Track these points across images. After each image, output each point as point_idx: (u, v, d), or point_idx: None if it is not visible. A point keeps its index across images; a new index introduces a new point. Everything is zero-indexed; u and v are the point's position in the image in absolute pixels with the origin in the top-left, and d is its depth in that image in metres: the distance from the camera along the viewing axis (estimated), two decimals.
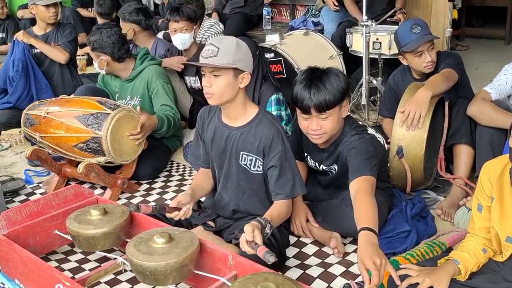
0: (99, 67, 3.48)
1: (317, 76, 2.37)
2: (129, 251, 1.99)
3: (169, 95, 3.46)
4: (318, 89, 2.31)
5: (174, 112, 3.41)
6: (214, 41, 2.22)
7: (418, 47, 2.99)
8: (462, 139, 2.87)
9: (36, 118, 3.17)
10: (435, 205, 2.84)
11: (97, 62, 3.46)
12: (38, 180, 3.50)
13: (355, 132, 2.47)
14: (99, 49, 3.41)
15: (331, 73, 2.38)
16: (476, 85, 3.42)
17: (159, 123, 3.23)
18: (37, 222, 2.42)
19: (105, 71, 3.51)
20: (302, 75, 2.43)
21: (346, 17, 4.78)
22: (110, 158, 3.01)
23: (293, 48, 3.97)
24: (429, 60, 3.01)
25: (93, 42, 3.40)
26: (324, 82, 2.33)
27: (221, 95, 2.23)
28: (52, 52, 4.14)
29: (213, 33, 4.61)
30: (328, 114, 2.35)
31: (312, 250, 2.54)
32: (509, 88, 2.74)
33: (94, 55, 3.47)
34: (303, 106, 2.35)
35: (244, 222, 2.35)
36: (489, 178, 1.96)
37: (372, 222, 1.98)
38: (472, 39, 6.28)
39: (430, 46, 3.02)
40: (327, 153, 2.57)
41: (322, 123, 2.37)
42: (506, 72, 2.76)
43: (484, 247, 1.99)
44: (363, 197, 2.15)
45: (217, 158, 2.43)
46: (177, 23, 3.74)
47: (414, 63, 3.08)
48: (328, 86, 2.32)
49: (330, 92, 2.31)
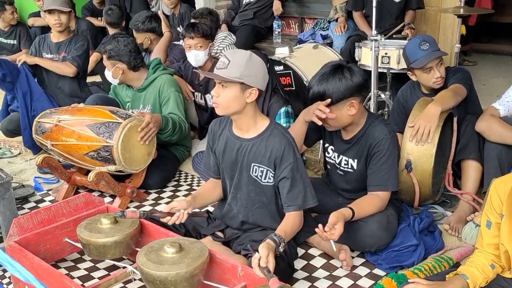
0: (113, 76, 3.50)
1: (330, 70, 2.51)
2: (139, 260, 2.01)
3: (178, 104, 3.48)
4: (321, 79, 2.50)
5: (182, 121, 3.43)
6: (228, 54, 2.25)
7: (427, 64, 3.01)
8: (470, 155, 2.88)
9: (48, 126, 3.20)
10: (443, 220, 2.85)
11: (112, 71, 3.48)
12: (48, 187, 3.53)
13: (384, 123, 2.60)
14: (116, 57, 3.44)
15: (342, 69, 2.49)
16: (484, 101, 3.43)
17: (164, 121, 3.23)
18: (48, 229, 2.45)
19: (118, 80, 3.54)
20: (321, 69, 2.58)
21: (355, 31, 4.81)
22: (121, 166, 3.03)
23: (302, 61, 4.00)
24: (438, 76, 3.03)
25: (110, 50, 3.44)
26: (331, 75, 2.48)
27: (227, 107, 2.27)
28: (59, 68, 4.18)
29: (227, 45, 4.64)
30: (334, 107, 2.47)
31: (320, 262, 2.55)
32: None
33: (109, 64, 3.49)
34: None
35: (253, 234, 2.38)
36: (499, 195, 1.96)
37: (358, 210, 2.41)
38: (479, 55, 6.30)
39: (439, 62, 3.04)
40: (350, 144, 2.62)
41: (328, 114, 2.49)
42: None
43: (493, 262, 2.00)
44: (373, 200, 2.50)
45: (228, 169, 2.46)
46: (192, 40, 3.70)
47: (423, 79, 3.10)
48: (331, 80, 2.47)
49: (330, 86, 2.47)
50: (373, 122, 2.57)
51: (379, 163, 2.52)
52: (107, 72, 3.54)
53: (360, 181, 2.63)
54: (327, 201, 2.74)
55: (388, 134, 2.52)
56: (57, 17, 4.16)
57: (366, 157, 2.56)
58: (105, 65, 3.55)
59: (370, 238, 2.46)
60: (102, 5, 6.79)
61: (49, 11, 4.16)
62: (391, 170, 2.54)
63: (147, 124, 3.09)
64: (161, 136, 3.30)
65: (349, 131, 2.59)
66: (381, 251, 2.50)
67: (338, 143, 2.66)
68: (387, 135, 2.51)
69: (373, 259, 2.52)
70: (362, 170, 2.61)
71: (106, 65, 3.53)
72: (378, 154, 2.52)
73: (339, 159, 2.67)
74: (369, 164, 2.56)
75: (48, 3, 4.20)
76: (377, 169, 2.53)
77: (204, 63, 3.78)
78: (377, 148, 2.52)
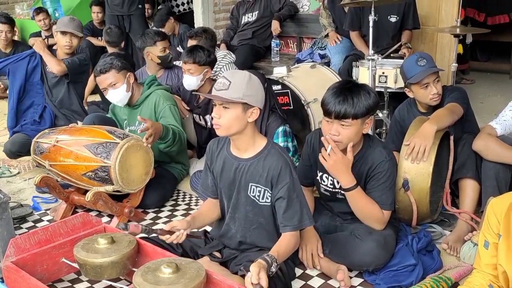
0: (126, 90, 3.47)
1: (348, 87, 2.47)
2: (136, 280, 2.00)
3: (175, 116, 3.49)
4: (345, 98, 2.40)
5: (180, 131, 3.42)
6: (227, 75, 2.27)
7: (424, 79, 3.03)
8: (468, 174, 2.88)
9: (46, 146, 3.21)
10: (441, 240, 2.84)
11: (125, 84, 3.45)
12: (46, 207, 3.52)
13: (382, 146, 2.59)
14: (126, 69, 3.47)
15: (362, 88, 2.48)
16: (481, 119, 3.45)
17: (164, 130, 3.21)
18: (45, 249, 2.44)
19: (128, 97, 3.52)
20: (336, 83, 2.54)
21: (353, 50, 4.85)
22: (118, 186, 3.03)
23: (300, 80, 4.02)
24: (435, 92, 3.05)
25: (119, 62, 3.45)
26: (352, 93, 2.41)
27: (229, 127, 2.27)
28: (50, 62, 4.27)
29: (226, 63, 4.67)
30: (348, 124, 2.41)
31: (318, 283, 2.54)
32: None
33: (120, 77, 3.44)
34: (327, 109, 2.44)
35: (251, 254, 2.37)
36: (496, 215, 1.96)
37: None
38: (477, 73, 6.34)
39: (435, 79, 3.06)
40: None
41: (341, 131, 2.43)
42: (511, 108, 2.79)
43: (491, 283, 1.99)
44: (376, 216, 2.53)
45: (226, 189, 2.46)
46: (185, 65, 3.76)
47: (420, 96, 3.12)
48: (355, 98, 2.40)
49: (355, 104, 2.39)
50: (371, 145, 2.56)
51: (378, 184, 2.53)
52: (118, 90, 3.47)
53: None
54: (324, 221, 2.74)
55: (387, 156, 2.53)
56: (69, 40, 4.23)
57: (365, 180, 2.56)
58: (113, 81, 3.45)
59: (367, 257, 2.45)
60: (102, 25, 6.84)
61: (62, 32, 4.21)
62: (389, 191, 2.55)
63: (147, 129, 3.06)
64: (162, 145, 3.29)
65: None
66: (379, 270, 2.49)
67: None
68: (386, 158, 2.52)
69: (371, 279, 2.51)
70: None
71: (116, 80, 3.44)
72: (377, 175, 2.53)
73: (339, 184, 2.65)
74: (367, 185, 2.56)
75: (63, 24, 4.25)
76: (375, 190, 2.54)
77: (198, 87, 3.82)
78: (377, 170, 2.52)
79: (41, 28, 7.14)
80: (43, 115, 4.37)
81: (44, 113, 4.39)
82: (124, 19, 6.19)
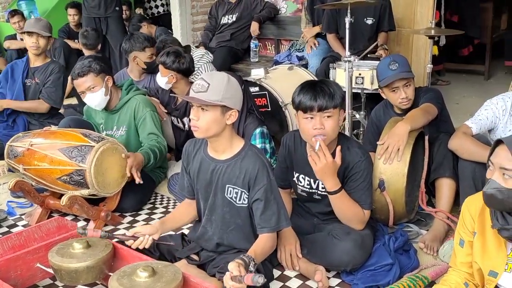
0: (104, 94, 3.41)
1: (316, 82, 2.53)
2: (111, 285, 1.98)
3: (155, 123, 3.47)
4: (322, 90, 2.42)
5: (161, 141, 3.42)
6: (205, 76, 2.26)
7: (393, 83, 3.07)
8: (445, 173, 2.91)
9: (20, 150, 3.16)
10: (418, 239, 2.86)
11: (103, 88, 3.39)
12: (21, 211, 3.46)
13: (358, 146, 2.62)
14: (104, 72, 3.42)
15: (328, 81, 2.55)
16: (457, 120, 3.49)
17: (146, 159, 3.24)
18: (19, 255, 2.39)
19: (106, 101, 3.46)
20: (303, 84, 2.54)
21: (330, 52, 4.87)
22: (94, 190, 3.00)
23: (278, 82, 4.02)
24: (403, 97, 3.08)
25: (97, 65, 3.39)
26: (325, 86, 2.45)
27: (207, 130, 2.26)
28: (31, 108, 4.33)
29: (204, 63, 4.65)
30: (331, 113, 2.42)
31: (296, 284, 2.54)
32: (489, 122, 2.80)
33: (98, 80, 3.38)
34: (308, 106, 2.42)
35: (228, 256, 2.36)
36: (471, 213, 1.99)
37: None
38: (452, 74, 6.41)
39: (406, 83, 3.08)
40: None
41: (325, 123, 2.43)
42: (487, 107, 2.82)
43: (466, 281, 2.01)
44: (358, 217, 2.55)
45: (203, 191, 2.45)
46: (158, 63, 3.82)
47: (390, 98, 3.17)
48: (330, 88, 2.43)
49: (332, 94, 2.42)
50: (346, 144, 2.56)
51: (356, 185, 2.54)
52: (96, 94, 3.40)
53: None
54: (302, 222, 2.74)
55: (362, 156, 2.54)
56: (35, 40, 4.19)
57: (342, 180, 2.56)
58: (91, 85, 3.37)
59: (345, 257, 2.46)
60: (78, 27, 6.79)
61: (28, 33, 4.16)
62: (367, 191, 2.57)
63: (130, 169, 3.09)
64: (145, 168, 3.30)
65: None
66: (356, 270, 2.50)
67: (310, 168, 2.61)
68: (362, 158, 2.53)
69: (348, 279, 2.51)
70: None
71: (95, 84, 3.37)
72: (354, 176, 2.54)
73: (316, 184, 2.65)
74: (345, 186, 2.56)
75: (29, 25, 4.22)
76: (353, 191, 2.55)
77: (168, 89, 3.86)
78: (354, 171, 2.53)
79: (16, 31, 7.05)
80: (16, 120, 4.32)
81: (17, 118, 4.34)
82: (101, 21, 6.13)
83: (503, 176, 1.77)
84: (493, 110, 2.78)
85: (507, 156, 1.76)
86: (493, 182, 1.79)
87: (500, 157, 1.79)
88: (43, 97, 4.29)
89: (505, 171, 1.76)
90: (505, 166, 1.76)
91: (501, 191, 1.76)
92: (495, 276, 1.90)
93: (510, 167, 1.75)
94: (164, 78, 3.78)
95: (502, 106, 2.77)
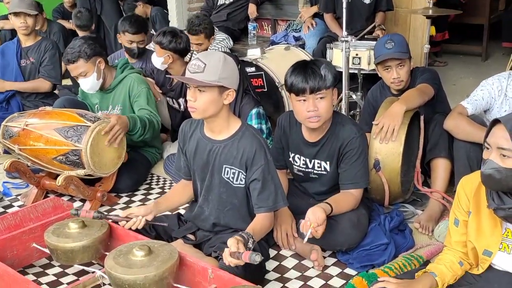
0: (97, 78, 3.38)
1: (308, 63, 2.50)
2: (108, 264, 1.98)
3: (149, 100, 3.45)
4: (313, 71, 2.40)
5: (153, 115, 3.38)
6: (201, 56, 2.23)
7: (387, 62, 3.06)
8: (440, 153, 2.91)
9: (15, 130, 3.14)
10: (413, 219, 2.88)
11: (95, 72, 3.35)
12: (17, 192, 3.46)
13: (352, 122, 2.61)
14: (93, 55, 3.34)
15: (320, 61, 2.52)
16: (454, 101, 3.48)
17: (131, 122, 3.17)
18: (15, 235, 2.40)
19: (99, 84, 3.43)
20: (294, 65, 2.52)
21: (327, 32, 4.84)
22: (90, 170, 2.99)
23: (274, 62, 4.00)
24: (395, 77, 3.07)
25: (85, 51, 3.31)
26: (316, 66, 2.43)
27: (205, 110, 2.25)
28: (34, 88, 4.29)
29: (222, 47, 4.63)
30: (324, 94, 2.42)
31: (292, 263, 2.55)
32: (485, 103, 2.80)
33: (89, 66, 3.34)
34: (300, 88, 2.41)
35: (224, 236, 2.37)
36: (466, 193, 1.99)
37: (335, 206, 2.42)
38: (450, 56, 6.39)
39: (399, 64, 3.06)
40: (319, 147, 2.60)
41: (318, 104, 2.42)
42: (483, 88, 2.81)
43: (461, 260, 2.03)
44: (347, 197, 2.53)
45: (200, 171, 2.44)
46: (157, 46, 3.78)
47: (383, 77, 3.18)
48: (321, 70, 2.41)
49: (324, 74, 2.40)
50: (340, 122, 2.57)
51: (351, 162, 2.55)
52: (89, 79, 3.37)
53: (335, 181, 2.65)
54: (298, 202, 2.75)
55: (357, 133, 2.54)
56: (23, 20, 4.14)
57: (337, 158, 2.57)
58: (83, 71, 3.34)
59: (341, 236, 2.47)
60: (73, 7, 6.68)
61: (15, 14, 4.12)
62: (362, 168, 2.57)
63: (112, 127, 3.02)
64: (132, 137, 3.25)
65: (317, 131, 2.58)
66: (352, 250, 2.51)
67: (305, 148, 2.64)
68: (356, 134, 2.53)
69: (344, 259, 2.53)
70: (335, 171, 2.62)
71: (86, 70, 3.34)
72: (349, 153, 2.54)
73: (312, 164, 2.66)
74: (340, 163, 2.57)
75: (14, 5, 4.17)
76: (348, 168, 2.55)
77: (164, 70, 3.85)
78: (348, 148, 2.54)
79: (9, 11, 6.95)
80: (10, 102, 4.29)
81: (12, 100, 4.31)
82: (95, 1, 6.06)
83: (501, 156, 1.77)
84: (488, 90, 2.78)
85: (504, 136, 1.76)
86: (490, 162, 1.78)
87: (497, 136, 1.78)
88: (42, 76, 4.27)
89: (503, 150, 1.76)
90: (502, 145, 1.76)
91: (499, 171, 1.76)
92: (489, 255, 1.91)
93: (507, 146, 1.74)
94: (160, 58, 3.75)
95: (498, 87, 2.76)
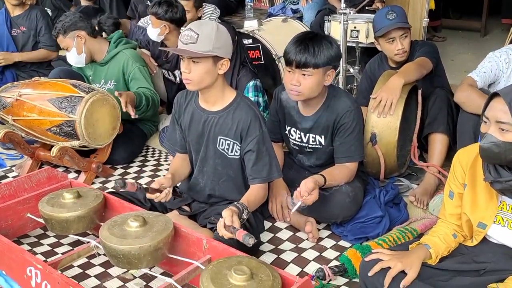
0: (77, 53, 3.37)
1: (311, 36, 2.43)
2: (102, 234, 1.98)
3: (146, 78, 3.43)
4: (306, 47, 2.36)
5: (153, 93, 3.38)
6: (193, 26, 2.18)
7: (390, 33, 3.02)
8: (439, 128, 2.89)
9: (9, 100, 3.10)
10: (408, 193, 2.88)
11: (74, 47, 3.35)
12: (11, 163, 3.45)
13: (346, 95, 2.58)
14: (72, 28, 3.34)
15: (324, 38, 2.44)
16: (452, 76, 3.46)
17: (137, 99, 3.19)
18: (9, 205, 2.39)
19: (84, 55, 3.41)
20: (298, 35, 2.48)
21: (325, 5, 4.79)
22: (84, 142, 2.97)
23: (271, 34, 3.96)
24: (399, 48, 3.04)
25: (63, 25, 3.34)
26: (314, 43, 2.37)
27: (200, 82, 2.22)
28: (41, 58, 4.30)
29: (214, 19, 4.58)
30: (309, 73, 2.37)
31: (287, 235, 2.56)
32: (493, 75, 2.74)
33: (68, 41, 3.36)
34: (288, 58, 2.40)
35: (219, 207, 2.37)
36: (462, 165, 1.98)
37: (329, 178, 2.43)
38: (449, 31, 6.35)
39: (403, 34, 3.04)
40: (313, 121, 2.58)
41: (302, 81, 2.39)
42: (491, 60, 2.75)
43: (455, 232, 2.03)
44: (342, 169, 2.51)
45: (194, 142, 2.42)
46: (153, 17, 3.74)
47: (386, 49, 3.12)
48: (316, 47, 2.36)
49: (316, 53, 2.35)
50: (335, 95, 2.54)
51: (345, 135, 2.52)
52: (71, 54, 3.39)
53: (330, 154, 2.64)
54: (294, 175, 2.74)
55: (351, 106, 2.51)
56: None
57: (332, 131, 2.55)
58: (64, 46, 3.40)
59: (336, 209, 2.47)
60: None
61: None
62: (357, 141, 2.55)
63: (125, 105, 3.03)
64: (137, 113, 3.24)
65: (311, 105, 2.55)
66: (346, 222, 2.52)
67: (300, 122, 2.62)
68: (350, 107, 2.51)
69: (338, 231, 2.53)
70: (330, 144, 2.61)
71: (67, 45, 3.38)
72: (344, 126, 2.52)
73: (306, 138, 2.64)
74: (335, 137, 2.55)
75: None
76: (343, 141, 2.53)
77: (160, 41, 3.80)
78: (343, 121, 2.51)
79: None
80: (5, 73, 4.25)
81: (6, 71, 4.26)
82: None
83: (500, 130, 1.76)
84: (496, 62, 2.73)
85: (503, 109, 1.74)
86: (489, 136, 1.77)
87: (496, 110, 1.76)
88: (45, 46, 4.28)
89: (502, 124, 1.74)
90: (501, 119, 1.74)
91: (497, 144, 1.75)
92: (484, 228, 1.91)
93: (506, 120, 1.73)
94: (156, 29, 3.70)
95: (506, 59, 2.71)
